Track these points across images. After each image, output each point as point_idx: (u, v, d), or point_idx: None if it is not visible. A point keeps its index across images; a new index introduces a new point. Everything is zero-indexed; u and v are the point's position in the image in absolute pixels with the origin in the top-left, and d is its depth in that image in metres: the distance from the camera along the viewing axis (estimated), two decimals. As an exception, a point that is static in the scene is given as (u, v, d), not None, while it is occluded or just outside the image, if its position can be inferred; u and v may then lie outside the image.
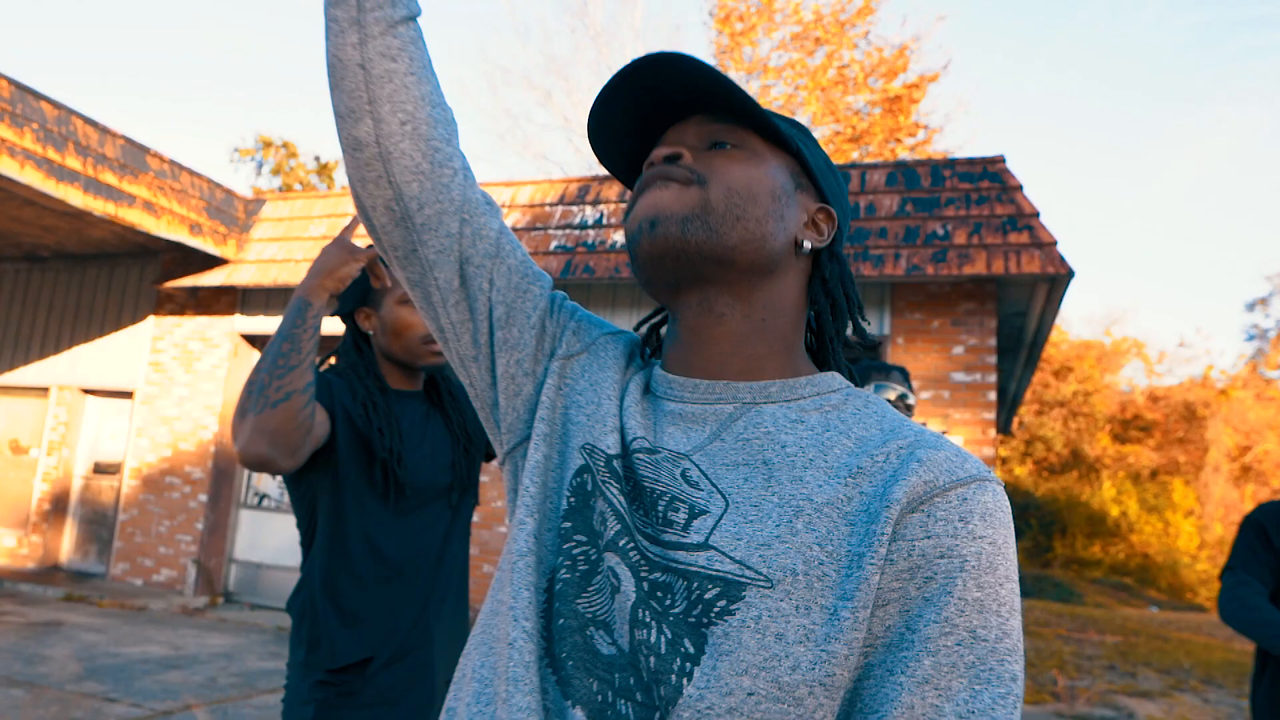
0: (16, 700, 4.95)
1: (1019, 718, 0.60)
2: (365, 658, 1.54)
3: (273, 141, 28.86)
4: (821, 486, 0.66)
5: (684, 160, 0.76)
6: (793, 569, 0.63)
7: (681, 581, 0.65)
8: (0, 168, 7.28)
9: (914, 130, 17.35)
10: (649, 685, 0.62)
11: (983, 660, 0.60)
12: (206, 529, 9.57)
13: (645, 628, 0.64)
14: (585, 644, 0.66)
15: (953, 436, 7.13)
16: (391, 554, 1.58)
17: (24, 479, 10.76)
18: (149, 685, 5.58)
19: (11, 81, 7.48)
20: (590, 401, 0.78)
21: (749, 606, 0.62)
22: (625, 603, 0.66)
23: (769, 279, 0.76)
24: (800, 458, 0.68)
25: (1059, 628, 13.41)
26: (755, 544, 0.64)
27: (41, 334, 10.95)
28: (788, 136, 0.78)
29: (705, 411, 0.74)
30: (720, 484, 0.69)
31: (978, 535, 0.63)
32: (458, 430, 1.73)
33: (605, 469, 0.73)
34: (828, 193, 0.81)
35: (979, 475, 0.65)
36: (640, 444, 0.73)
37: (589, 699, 0.64)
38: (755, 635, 0.61)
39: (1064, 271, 6.68)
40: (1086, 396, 26.69)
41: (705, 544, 0.66)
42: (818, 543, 0.64)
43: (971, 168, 7.54)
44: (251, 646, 7.25)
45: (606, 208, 8.56)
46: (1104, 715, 6.95)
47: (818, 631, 0.61)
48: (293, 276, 9.24)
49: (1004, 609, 0.62)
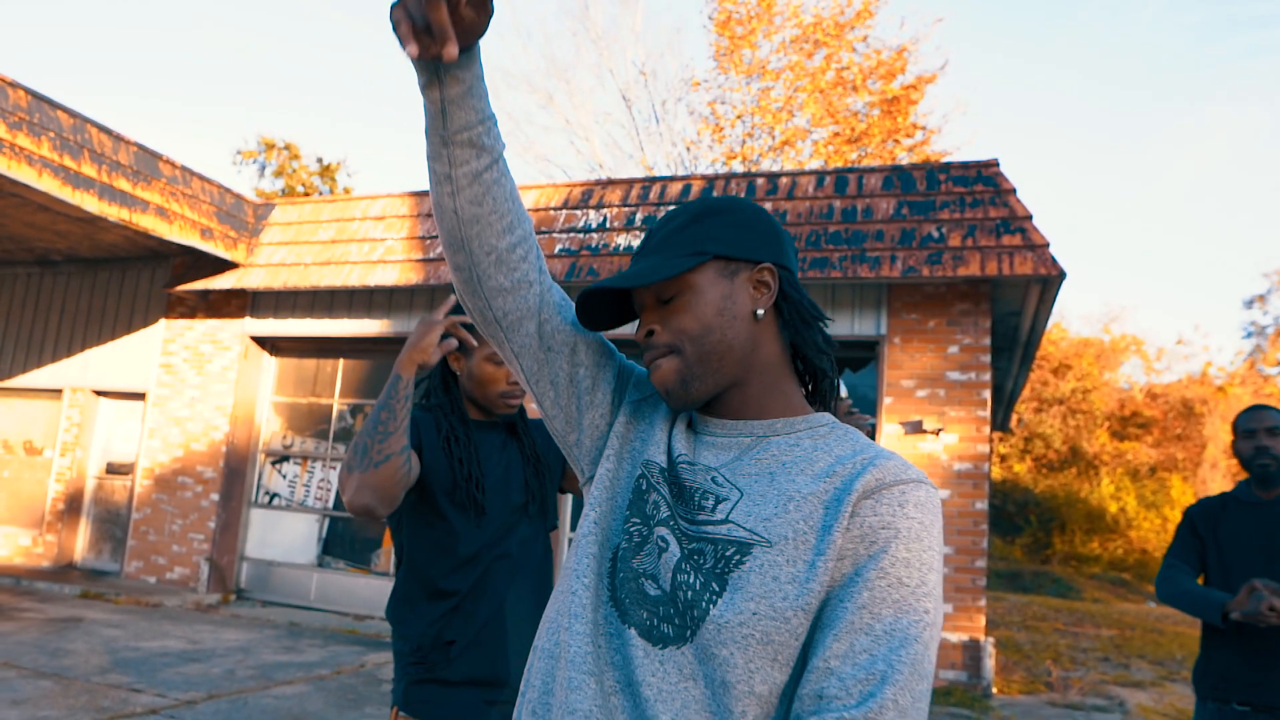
0: (46, 690, 5.15)
1: (927, 639, 0.87)
2: (449, 641, 1.79)
3: (275, 143, 29.00)
4: (807, 484, 0.95)
5: (656, 335, 1.03)
6: (785, 535, 0.91)
7: (710, 545, 0.93)
8: (19, 175, 7.48)
9: (912, 131, 17.53)
10: (684, 612, 0.92)
11: (904, 599, 0.87)
12: (218, 527, 9.77)
13: (685, 574, 0.93)
14: (638, 589, 0.96)
15: (948, 433, 7.32)
16: (473, 560, 1.83)
17: (38, 479, 10.96)
18: (171, 677, 5.78)
19: (29, 91, 7.67)
20: (648, 431, 1.07)
21: (755, 559, 0.91)
22: (670, 560, 0.95)
23: (753, 354, 1.03)
24: (794, 468, 0.97)
25: (1056, 622, 13.60)
26: (760, 519, 0.93)
27: (54, 337, 11.15)
28: (698, 259, 1.01)
29: (730, 441, 1.02)
30: (738, 483, 0.97)
31: (910, 516, 0.90)
32: (529, 454, 1.98)
33: (658, 475, 1.02)
34: (755, 254, 1.03)
35: (915, 479, 0.93)
36: (684, 459, 1.02)
37: (640, 622, 0.94)
38: (759, 577, 0.90)
39: (1055, 273, 6.86)
40: (1085, 394, 26.86)
41: (726, 520, 0.94)
42: (802, 519, 0.92)
43: (966, 171, 7.73)
44: (265, 641, 7.45)
45: (609, 211, 8.75)
46: (1095, 704, 7.14)
47: (800, 575, 0.89)
48: (301, 279, 9.43)
49: (924, 568, 0.89)
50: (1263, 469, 2.63)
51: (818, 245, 7.67)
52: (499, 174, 1.02)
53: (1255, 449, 2.64)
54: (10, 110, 7.44)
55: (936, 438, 7.32)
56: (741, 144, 18.20)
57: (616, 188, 9.05)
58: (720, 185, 8.55)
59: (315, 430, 10.09)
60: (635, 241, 8.38)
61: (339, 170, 29.54)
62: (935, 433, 7.32)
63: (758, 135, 18.04)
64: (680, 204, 1.13)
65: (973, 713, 6.44)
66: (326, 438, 9.99)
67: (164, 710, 4.95)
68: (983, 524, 7.19)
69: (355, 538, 9.62)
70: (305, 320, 9.91)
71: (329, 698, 5.64)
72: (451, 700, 1.77)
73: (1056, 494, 24.71)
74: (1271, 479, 2.63)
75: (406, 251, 9.26)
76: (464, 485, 1.84)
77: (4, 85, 7.44)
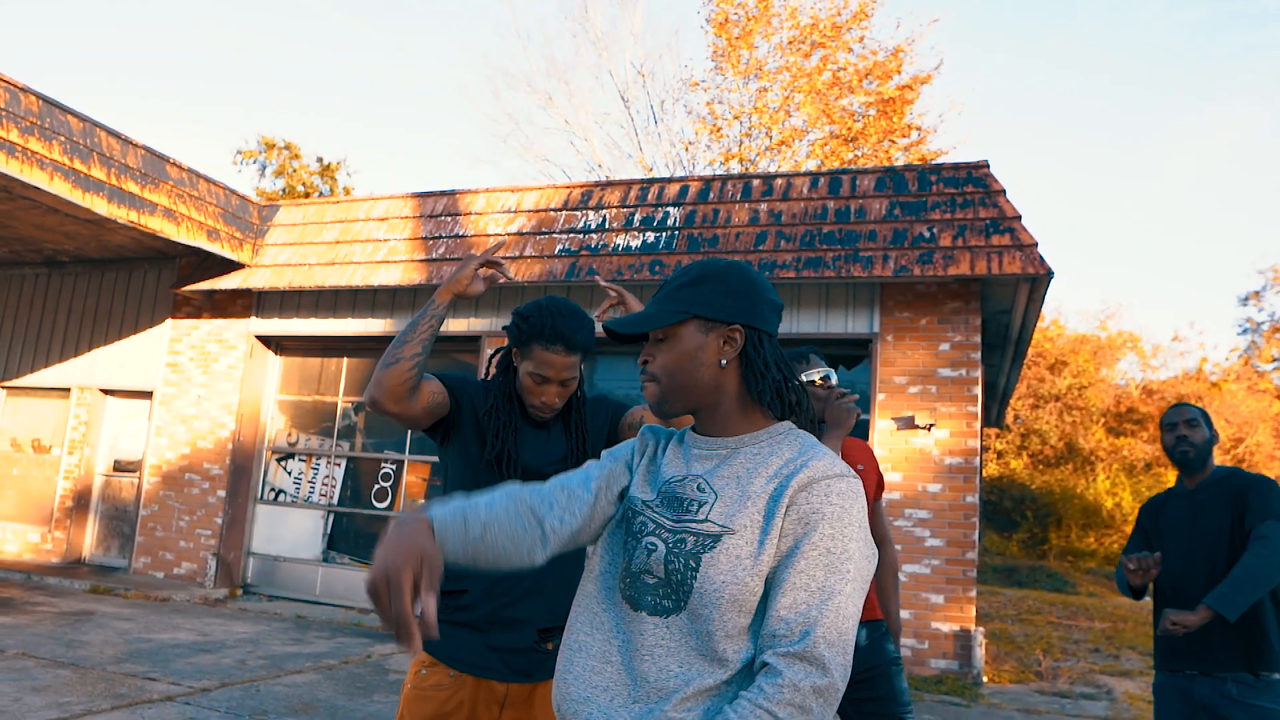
0: (65, 679, 5.32)
1: (849, 591, 1.19)
2: (461, 589, 2.00)
3: (275, 143, 29.13)
4: (761, 485, 1.27)
5: (649, 365, 1.37)
6: (744, 525, 1.25)
7: (691, 535, 1.26)
8: (31, 179, 7.65)
9: (907, 131, 17.70)
10: (676, 588, 1.25)
11: (831, 564, 1.20)
12: (225, 523, 9.95)
13: (673, 561, 1.26)
14: (641, 583, 1.29)
15: (940, 428, 7.50)
16: None
17: (47, 477, 11.14)
18: (184, 667, 5.95)
19: (40, 96, 7.84)
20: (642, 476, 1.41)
21: (721, 543, 1.24)
22: (660, 556, 1.28)
23: (716, 389, 1.36)
24: (755, 472, 1.30)
25: (1050, 615, 13.78)
26: (728, 515, 1.26)
27: (62, 337, 11.32)
28: (682, 316, 1.34)
29: (711, 454, 1.35)
30: (714, 487, 1.30)
31: (833, 503, 1.22)
32: (575, 437, 2.16)
33: (641, 505, 1.35)
34: (731, 316, 1.34)
35: (838, 474, 1.25)
36: (674, 479, 1.35)
37: (648, 605, 1.27)
38: (725, 557, 1.23)
39: (1043, 272, 7.04)
40: (1081, 390, 27.06)
41: (706, 519, 1.27)
42: (756, 511, 1.25)
43: (957, 173, 7.90)
44: (274, 633, 7.63)
45: (609, 212, 8.92)
46: (1083, 692, 7.33)
47: (754, 552, 1.23)
48: (306, 279, 9.61)
49: (846, 539, 1.21)
50: (1182, 455, 2.93)
51: (812, 245, 7.84)
52: (501, 532, 1.35)
53: (1175, 439, 2.94)
54: (22, 115, 7.61)
55: (928, 433, 7.50)
56: (739, 144, 18.37)
57: (615, 189, 9.22)
58: (717, 187, 8.73)
59: (320, 428, 10.27)
60: (634, 242, 8.55)
61: (339, 170, 29.67)
62: (927, 428, 7.49)
63: (755, 135, 18.21)
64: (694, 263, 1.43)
65: (963, 700, 6.63)
66: (331, 435, 10.17)
67: (180, 698, 5.13)
68: (973, 517, 7.37)
69: (360, 533, 9.80)
70: (310, 320, 10.08)
71: (338, 686, 5.82)
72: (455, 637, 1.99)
73: (1053, 489, 24.89)
74: (1189, 464, 2.93)
75: (409, 252, 9.43)
76: (494, 460, 2.04)
77: (16, 90, 7.61)
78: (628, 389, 9.10)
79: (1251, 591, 2.60)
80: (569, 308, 2.06)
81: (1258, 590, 2.60)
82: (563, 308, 2.05)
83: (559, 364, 2.02)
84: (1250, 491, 2.79)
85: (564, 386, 2.07)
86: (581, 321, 2.05)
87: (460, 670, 1.96)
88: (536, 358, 2.03)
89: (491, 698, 1.98)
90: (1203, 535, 2.85)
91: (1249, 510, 2.75)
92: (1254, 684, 2.68)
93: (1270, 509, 2.71)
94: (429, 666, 1.99)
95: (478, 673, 1.97)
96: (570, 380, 2.07)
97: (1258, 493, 2.78)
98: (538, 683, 2.04)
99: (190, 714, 4.80)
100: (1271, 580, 2.62)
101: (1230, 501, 2.82)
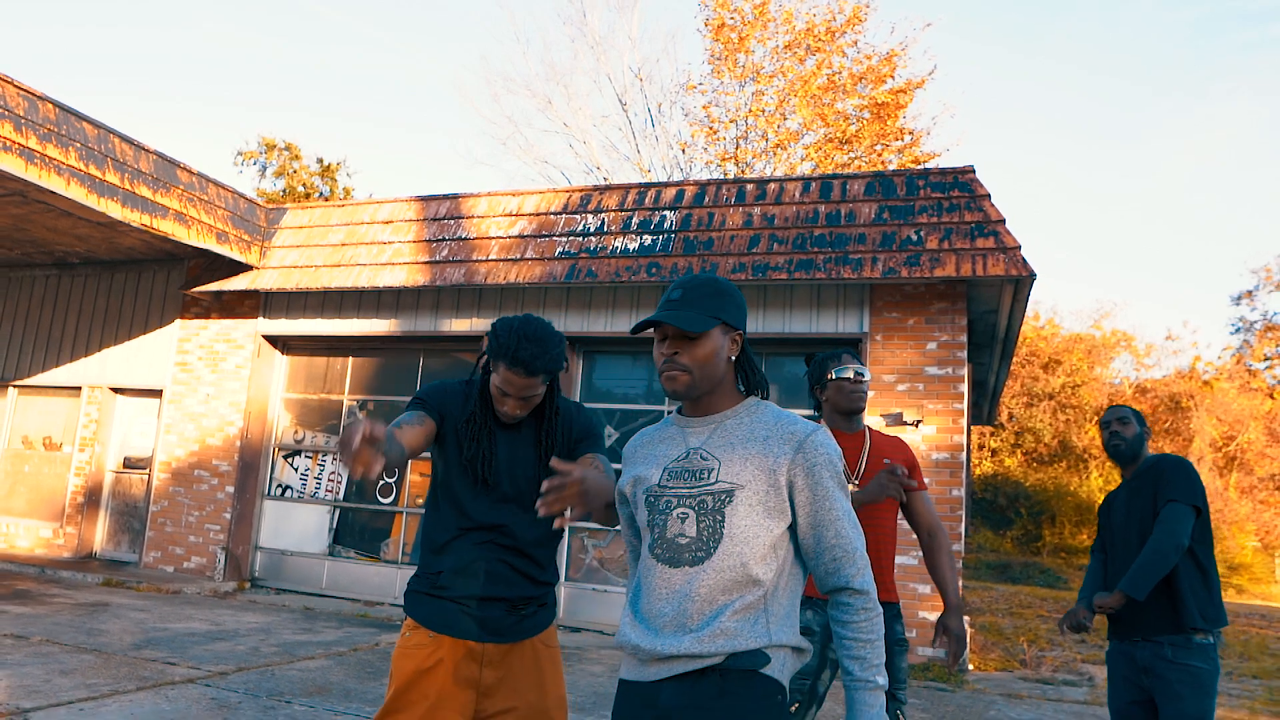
0: (90, 663, 5.58)
1: (847, 509, 1.68)
2: (438, 571, 2.29)
3: (276, 143, 29.35)
4: (756, 446, 1.69)
5: (679, 357, 1.72)
6: (749, 479, 1.66)
7: (709, 496, 1.66)
8: (49, 184, 7.91)
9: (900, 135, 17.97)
10: (706, 541, 1.65)
11: (834, 502, 1.67)
12: (234, 518, 10.21)
13: (701, 521, 1.66)
14: (676, 544, 1.68)
15: (927, 424, 7.77)
16: (473, 516, 2.30)
17: (58, 474, 11.39)
18: (201, 653, 6.22)
19: (57, 104, 8.10)
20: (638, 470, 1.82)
21: (736, 497, 1.65)
22: (690, 521, 1.68)
23: (722, 378, 1.78)
24: (746, 437, 1.71)
25: (1040, 609, 14.06)
26: (734, 474, 1.67)
27: (72, 336, 11.58)
28: (715, 322, 1.73)
29: (704, 427, 1.77)
30: (717, 455, 1.70)
31: (820, 453, 1.68)
32: (544, 441, 2.34)
33: (657, 487, 1.75)
34: (739, 324, 1.78)
35: (815, 428, 1.70)
36: (677, 455, 1.76)
37: (685, 560, 1.67)
38: (743, 506, 1.65)
39: (1025, 274, 7.31)
40: (1075, 389, 27.34)
41: (717, 481, 1.67)
42: (756, 467, 1.67)
43: (943, 178, 8.17)
44: (284, 623, 7.89)
45: (607, 215, 9.19)
46: (1066, 679, 7.60)
47: (763, 499, 1.66)
48: (312, 280, 9.87)
49: (838, 476, 1.69)
50: (1114, 449, 3.27)
51: (804, 248, 8.11)
52: None
53: (1109, 435, 3.28)
54: (40, 122, 7.86)
55: (916, 429, 7.77)
56: (735, 146, 18.64)
57: (614, 193, 9.48)
58: (712, 191, 8.99)
59: (325, 425, 10.53)
60: (631, 244, 8.81)
61: (339, 170, 29.91)
62: (915, 424, 7.76)
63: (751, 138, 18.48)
64: (707, 277, 1.81)
65: (949, 686, 6.90)
66: (336, 432, 10.42)
67: (200, 680, 5.39)
68: (959, 510, 7.63)
69: (365, 528, 10.06)
70: (316, 320, 10.34)
71: (349, 670, 6.09)
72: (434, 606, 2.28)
73: (1046, 487, 25.18)
74: (1121, 456, 3.28)
75: (413, 254, 9.70)
76: (469, 462, 2.27)
77: (34, 98, 7.86)
78: (626, 387, 9.37)
79: (1154, 572, 2.96)
80: (538, 334, 2.17)
81: (1159, 570, 2.95)
82: (533, 333, 2.17)
83: (518, 384, 2.18)
84: (1163, 475, 3.12)
85: (525, 400, 2.24)
86: (545, 348, 2.17)
87: (438, 632, 2.24)
88: (501, 374, 2.21)
89: (470, 656, 2.24)
90: (1134, 519, 3.18)
91: (1158, 494, 3.09)
92: (1186, 646, 2.99)
93: (1172, 491, 3.04)
94: (413, 630, 2.27)
95: (454, 634, 2.23)
96: (532, 396, 2.23)
97: (1167, 476, 3.10)
98: (513, 643, 2.27)
99: (211, 695, 5.06)
100: (1170, 559, 2.96)
101: (1153, 486, 3.13)
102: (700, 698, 1.63)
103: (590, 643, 8.05)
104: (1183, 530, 2.97)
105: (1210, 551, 3.06)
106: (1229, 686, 8.04)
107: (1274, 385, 30.25)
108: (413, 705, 2.18)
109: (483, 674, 2.25)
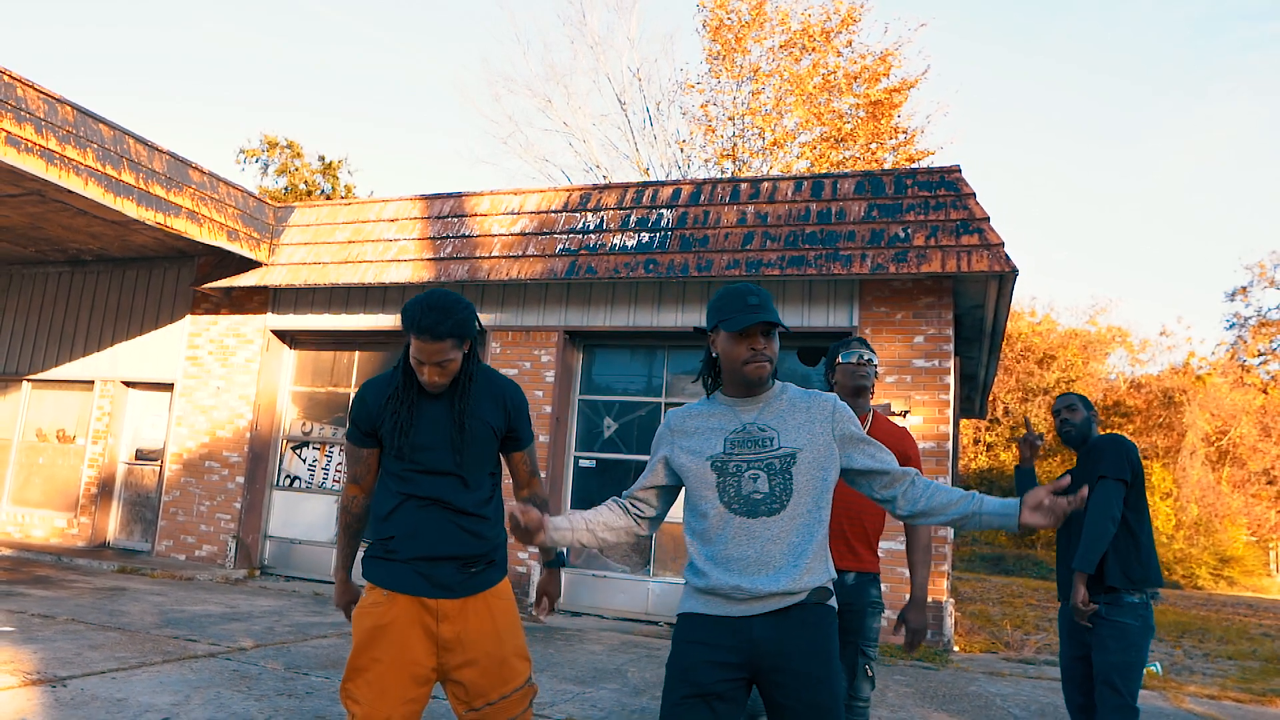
0: (115, 639, 5.89)
1: (869, 437, 2.18)
2: (390, 535, 2.49)
3: (278, 141, 29.62)
4: (802, 414, 2.13)
5: (764, 350, 2.10)
6: (805, 442, 2.10)
7: (777, 460, 2.08)
8: (68, 184, 8.21)
9: (895, 133, 18.26)
10: (779, 496, 2.06)
11: (864, 441, 2.18)
12: (244, 508, 10.51)
13: (774, 479, 2.07)
14: (751, 499, 2.07)
15: (914, 415, 8.07)
16: (406, 488, 2.46)
17: (72, 466, 11.70)
18: (219, 631, 6.52)
19: (75, 106, 8.39)
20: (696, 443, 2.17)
21: (800, 459, 2.08)
22: (762, 479, 2.07)
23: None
24: (792, 410, 2.14)
25: (1029, 598, 14.38)
26: (793, 440, 2.09)
27: (85, 332, 11.87)
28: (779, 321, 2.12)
29: (753, 407, 2.15)
30: (773, 426, 2.11)
31: (845, 411, 2.18)
32: (456, 416, 2.47)
33: (723, 455, 2.11)
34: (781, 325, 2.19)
35: (834, 396, 2.20)
36: (735, 428, 2.12)
37: (761, 511, 2.06)
38: (806, 464, 2.09)
39: (1008, 270, 7.60)
40: (1070, 384, 27.62)
41: (780, 446, 2.09)
42: (808, 432, 2.11)
43: (930, 177, 8.47)
44: (295, 607, 8.19)
45: (606, 214, 9.48)
46: (1047, 659, 7.90)
47: (822, 458, 2.11)
48: (320, 277, 10.16)
49: (859, 423, 2.32)
50: (1066, 435, 3.61)
51: (795, 245, 8.41)
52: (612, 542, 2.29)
53: (1060, 422, 3.61)
54: (59, 124, 8.16)
55: (904, 419, 8.07)
56: (733, 145, 18.93)
57: (612, 192, 9.78)
58: (707, 190, 9.29)
59: (333, 418, 10.83)
60: (629, 242, 9.11)
61: (340, 168, 30.18)
62: (903, 414, 8.06)
63: (748, 137, 18.77)
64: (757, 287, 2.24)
65: (934, 665, 7.20)
66: (343, 424, 10.72)
67: (220, 654, 5.70)
68: (945, 497, 7.92)
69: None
70: (323, 315, 10.64)
71: (360, 648, 6.39)
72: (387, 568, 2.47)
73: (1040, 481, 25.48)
74: (1071, 440, 3.61)
75: (418, 251, 9.99)
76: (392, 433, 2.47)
77: (54, 101, 8.16)
78: (625, 383, 9.66)
79: (1095, 547, 3.27)
80: (440, 303, 2.34)
81: (1100, 545, 3.26)
82: (435, 302, 2.34)
83: (428, 350, 2.33)
84: (1098, 452, 3.42)
85: (440, 366, 2.38)
86: (448, 313, 2.32)
87: (391, 590, 2.43)
88: (413, 344, 2.41)
89: (425, 612, 2.38)
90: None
91: (1094, 470, 3.39)
92: (1118, 604, 3.32)
93: (1103, 468, 3.34)
94: (370, 590, 2.47)
95: (405, 590, 2.42)
96: (447, 362, 2.37)
97: (1096, 454, 3.41)
98: (466, 597, 2.41)
99: (233, 667, 5.37)
100: (1107, 530, 3.26)
101: (1094, 464, 3.43)
102: (788, 630, 2.01)
103: (590, 625, 8.36)
104: (1114, 503, 3.28)
105: (1143, 518, 3.36)
106: (1205, 667, 8.35)
107: (1267, 380, 30.55)
108: (375, 661, 2.34)
109: (440, 628, 2.38)
